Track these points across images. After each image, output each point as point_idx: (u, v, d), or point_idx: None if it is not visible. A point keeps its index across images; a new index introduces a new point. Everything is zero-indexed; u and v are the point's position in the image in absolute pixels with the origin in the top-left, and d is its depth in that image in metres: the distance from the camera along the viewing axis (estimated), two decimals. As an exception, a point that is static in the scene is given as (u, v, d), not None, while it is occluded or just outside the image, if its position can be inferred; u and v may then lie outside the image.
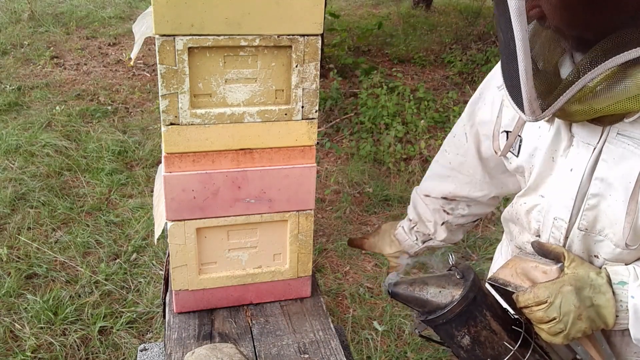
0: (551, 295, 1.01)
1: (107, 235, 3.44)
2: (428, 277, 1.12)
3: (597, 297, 1.01)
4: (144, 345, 1.66)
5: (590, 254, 1.10)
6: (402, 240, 1.60)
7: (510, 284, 1.10)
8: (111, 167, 4.19)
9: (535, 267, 1.10)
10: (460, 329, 1.07)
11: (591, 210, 1.05)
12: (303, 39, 1.17)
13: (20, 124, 4.78)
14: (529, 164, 1.16)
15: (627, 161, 0.99)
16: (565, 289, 1.01)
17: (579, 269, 1.04)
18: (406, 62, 6.96)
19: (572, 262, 1.05)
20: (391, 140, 4.60)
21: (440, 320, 1.07)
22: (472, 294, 1.05)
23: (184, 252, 1.29)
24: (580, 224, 1.08)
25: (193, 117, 1.17)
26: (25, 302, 2.86)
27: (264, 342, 1.29)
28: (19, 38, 6.99)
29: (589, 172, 1.04)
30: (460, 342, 1.08)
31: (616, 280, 1.02)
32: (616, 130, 1.00)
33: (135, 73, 6.33)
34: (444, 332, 1.10)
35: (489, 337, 1.06)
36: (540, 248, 1.12)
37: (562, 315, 1.01)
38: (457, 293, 1.06)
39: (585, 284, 1.02)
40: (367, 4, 10.10)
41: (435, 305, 1.07)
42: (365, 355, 2.69)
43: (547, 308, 1.01)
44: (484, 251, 3.49)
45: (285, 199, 1.30)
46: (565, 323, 1.01)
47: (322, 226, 3.69)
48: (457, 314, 1.05)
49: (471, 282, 1.06)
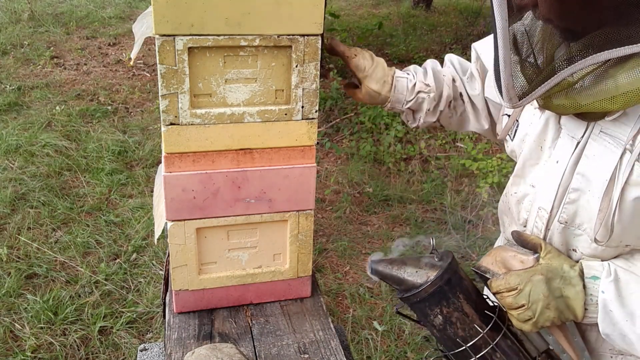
0: (521, 282, 1.04)
1: (107, 235, 3.44)
2: (408, 257, 1.16)
3: (566, 288, 1.04)
4: (144, 345, 1.66)
5: (568, 247, 1.12)
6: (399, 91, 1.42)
7: (489, 271, 1.14)
8: (111, 167, 4.19)
9: (513, 257, 1.13)
10: (433, 309, 1.11)
11: (571, 204, 1.07)
12: (303, 39, 1.17)
13: (20, 124, 4.78)
14: (519, 149, 1.18)
15: (605, 158, 1.01)
16: (536, 278, 1.04)
17: (553, 260, 1.06)
18: (406, 62, 6.95)
19: (548, 253, 1.08)
20: (391, 140, 4.60)
21: (414, 299, 1.11)
22: (447, 276, 1.09)
23: (184, 252, 1.29)
24: (560, 216, 1.10)
25: (193, 117, 1.17)
26: (25, 302, 2.86)
27: (264, 342, 1.29)
28: (19, 38, 6.99)
29: (571, 166, 1.06)
30: (433, 321, 1.12)
31: (589, 275, 1.04)
32: (599, 128, 1.02)
33: (135, 73, 6.33)
34: (418, 311, 1.14)
35: (461, 319, 1.10)
36: (519, 238, 1.15)
37: (531, 303, 1.03)
38: (433, 274, 1.10)
39: (556, 274, 1.05)
40: (367, 4, 10.10)
41: (410, 284, 1.12)
42: (365, 355, 2.69)
43: (517, 295, 1.04)
44: (484, 251, 3.48)
45: (285, 199, 1.30)
46: (534, 311, 1.04)
47: (322, 226, 3.69)
48: (430, 293, 1.09)
49: (447, 264, 1.10)
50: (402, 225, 3.79)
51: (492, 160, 4.20)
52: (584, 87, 0.94)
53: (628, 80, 0.90)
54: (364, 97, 1.44)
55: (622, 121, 0.98)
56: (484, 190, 3.92)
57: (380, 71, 1.41)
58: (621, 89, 0.90)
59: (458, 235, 3.63)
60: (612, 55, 0.89)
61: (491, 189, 4.00)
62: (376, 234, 3.66)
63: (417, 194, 4.05)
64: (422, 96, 1.42)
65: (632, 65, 0.90)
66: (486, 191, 3.93)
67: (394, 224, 3.80)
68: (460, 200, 3.98)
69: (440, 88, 1.43)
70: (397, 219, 3.83)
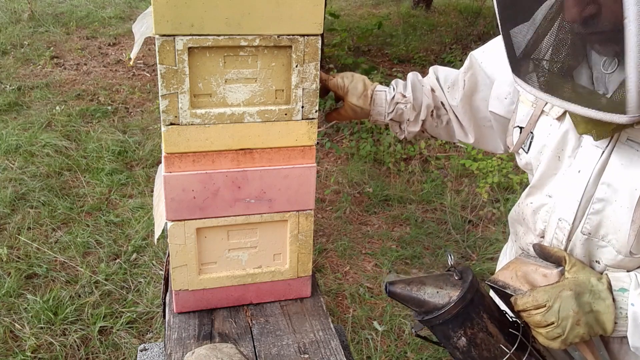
0: (550, 299, 1.00)
1: (107, 235, 3.44)
2: (426, 276, 1.11)
3: (596, 303, 1.00)
4: (144, 345, 1.66)
5: (591, 259, 1.09)
6: (378, 104, 1.48)
7: (509, 287, 1.09)
8: (111, 167, 4.19)
9: (535, 270, 1.09)
10: (456, 331, 1.06)
11: (596, 214, 1.04)
12: (303, 39, 1.17)
13: (20, 124, 4.79)
14: (537, 161, 1.15)
15: (634, 167, 0.97)
16: (565, 294, 1.00)
17: (579, 274, 1.03)
18: (406, 62, 6.96)
19: (573, 266, 1.04)
20: (391, 140, 4.60)
21: (436, 321, 1.07)
22: (470, 296, 1.05)
23: (184, 252, 1.29)
24: (583, 227, 1.06)
25: (193, 117, 1.17)
26: (25, 302, 2.86)
27: (264, 342, 1.29)
28: (19, 38, 6.99)
29: (596, 176, 1.03)
30: (456, 343, 1.08)
31: (617, 287, 1.01)
32: (626, 136, 0.98)
33: (135, 73, 6.33)
34: (440, 333, 1.10)
35: (485, 340, 1.06)
36: (542, 251, 1.11)
37: (561, 320, 1.00)
38: (455, 294, 1.05)
39: (585, 289, 1.01)
40: (367, 4, 10.10)
41: (432, 305, 1.07)
42: (365, 355, 2.69)
43: (546, 312, 1.00)
44: (484, 251, 3.49)
45: (285, 199, 1.30)
46: (564, 328, 1.00)
47: (322, 226, 3.69)
48: (454, 315, 1.05)
49: (469, 283, 1.06)
50: (402, 225, 3.79)
51: (492, 160, 4.20)
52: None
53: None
54: (346, 112, 1.50)
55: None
56: (484, 190, 3.92)
57: (360, 86, 1.46)
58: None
59: (458, 236, 3.63)
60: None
61: (491, 189, 4.00)
62: (376, 234, 3.66)
63: (417, 194, 4.05)
64: (401, 107, 1.45)
65: None
66: (486, 191, 3.93)
67: (394, 224, 3.80)
68: (460, 200, 3.98)
69: (419, 98, 1.45)
70: (397, 219, 3.83)
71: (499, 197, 3.97)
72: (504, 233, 3.62)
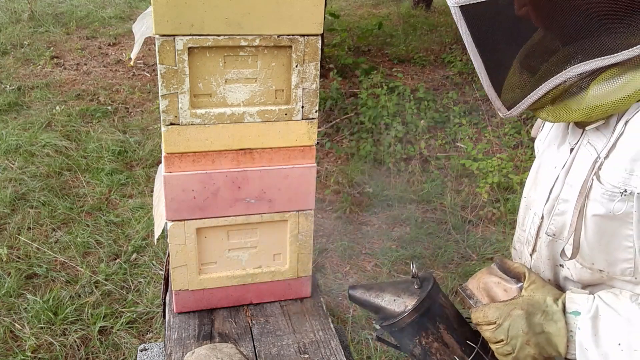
0: (500, 317, 1.00)
1: (107, 235, 3.44)
2: (386, 283, 1.13)
3: (548, 324, 0.98)
4: (144, 345, 1.66)
5: (555, 262, 1.08)
6: None
7: (474, 296, 1.10)
8: (111, 167, 4.19)
9: (497, 284, 1.08)
10: (411, 339, 1.07)
11: (560, 215, 1.02)
12: (303, 39, 1.17)
13: (20, 124, 4.78)
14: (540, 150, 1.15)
15: (583, 169, 0.97)
16: (515, 313, 0.99)
17: (536, 292, 1.01)
18: (406, 62, 6.96)
19: (531, 283, 1.03)
20: (391, 140, 4.60)
21: (392, 328, 1.08)
22: (426, 305, 1.05)
23: (184, 252, 1.29)
24: (548, 228, 1.05)
25: (193, 117, 1.17)
26: (25, 302, 2.86)
27: (264, 342, 1.29)
28: (19, 38, 6.99)
29: (563, 175, 1.02)
30: (412, 350, 1.09)
31: (570, 309, 0.98)
32: (587, 137, 0.98)
33: (135, 73, 6.33)
34: (398, 339, 1.11)
35: (440, 349, 1.07)
36: (502, 265, 1.10)
37: (510, 339, 0.99)
38: (411, 303, 1.06)
39: (537, 309, 0.99)
40: (367, 4, 10.10)
41: (388, 312, 1.08)
42: (365, 355, 2.68)
43: (495, 329, 1.00)
44: (484, 251, 3.48)
45: (285, 199, 1.30)
46: (513, 346, 0.99)
47: (322, 226, 3.69)
48: (408, 324, 1.06)
49: (426, 293, 1.06)
50: (402, 225, 3.79)
51: (492, 160, 4.19)
52: (570, 98, 0.93)
53: (603, 92, 0.88)
54: None
55: (602, 131, 0.94)
56: (484, 190, 3.92)
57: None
58: (596, 100, 0.89)
59: (458, 236, 3.63)
60: (588, 68, 0.88)
61: (491, 189, 4.00)
62: (376, 234, 3.66)
63: (417, 194, 4.05)
64: None
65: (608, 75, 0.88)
66: (486, 191, 3.93)
67: (394, 224, 3.80)
68: (460, 200, 3.98)
69: None
70: (397, 219, 3.83)
71: (499, 197, 3.96)
72: (504, 233, 3.62)
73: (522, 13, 0.95)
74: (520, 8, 0.95)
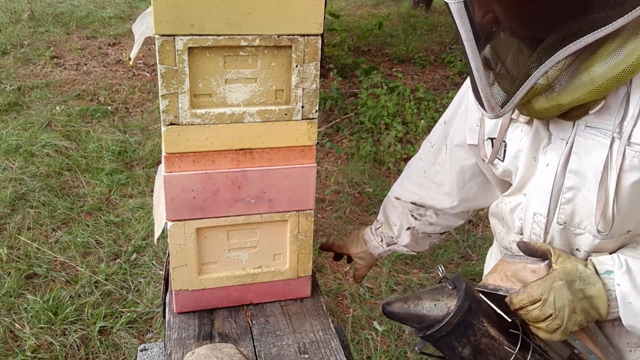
0: (544, 292, 1.02)
1: (107, 235, 3.44)
2: (421, 292, 1.12)
3: (588, 288, 1.03)
4: (144, 345, 1.66)
5: (571, 247, 1.11)
6: (368, 240, 1.63)
7: (501, 288, 1.10)
8: (111, 167, 4.19)
9: (523, 268, 1.10)
10: (460, 340, 1.07)
11: (568, 203, 1.07)
12: (303, 39, 1.17)
13: (20, 124, 4.78)
14: (514, 166, 1.17)
15: (595, 151, 1.01)
16: (557, 284, 1.02)
17: (566, 263, 1.05)
18: (406, 62, 6.96)
19: (558, 257, 1.07)
20: (391, 140, 4.60)
21: (439, 334, 1.07)
22: (467, 303, 1.06)
23: (184, 252, 1.29)
24: (559, 218, 1.09)
25: (193, 117, 1.17)
26: (25, 302, 2.86)
27: (264, 342, 1.29)
28: (19, 38, 6.99)
29: (562, 166, 1.06)
30: (461, 353, 1.08)
31: (602, 270, 1.04)
32: (584, 123, 1.02)
33: (135, 73, 6.33)
34: (444, 346, 1.10)
35: (489, 344, 1.06)
36: (526, 247, 1.13)
37: (558, 311, 1.02)
38: (452, 304, 1.06)
39: (575, 276, 1.03)
40: (367, 4, 10.10)
41: (432, 319, 1.07)
42: (365, 355, 2.69)
43: (542, 305, 1.02)
44: (484, 251, 3.48)
45: (285, 199, 1.30)
46: (562, 318, 1.02)
47: (322, 226, 3.69)
48: (455, 324, 1.05)
49: (464, 291, 1.06)
50: (402, 225, 3.78)
51: (492, 160, 4.19)
52: (561, 86, 0.96)
53: (602, 69, 0.91)
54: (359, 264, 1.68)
55: (606, 112, 0.99)
56: (484, 190, 3.92)
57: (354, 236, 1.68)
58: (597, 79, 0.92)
59: (458, 236, 3.63)
60: (578, 47, 0.90)
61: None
62: (376, 234, 3.65)
63: (417, 194, 4.04)
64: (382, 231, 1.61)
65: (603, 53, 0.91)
66: (486, 191, 3.92)
67: (394, 224, 3.80)
68: (460, 200, 3.97)
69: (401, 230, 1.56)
70: (397, 219, 3.83)
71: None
72: (504, 233, 3.63)
73: (488, 20, 0.98)
74: (484, 17, 0.97)
